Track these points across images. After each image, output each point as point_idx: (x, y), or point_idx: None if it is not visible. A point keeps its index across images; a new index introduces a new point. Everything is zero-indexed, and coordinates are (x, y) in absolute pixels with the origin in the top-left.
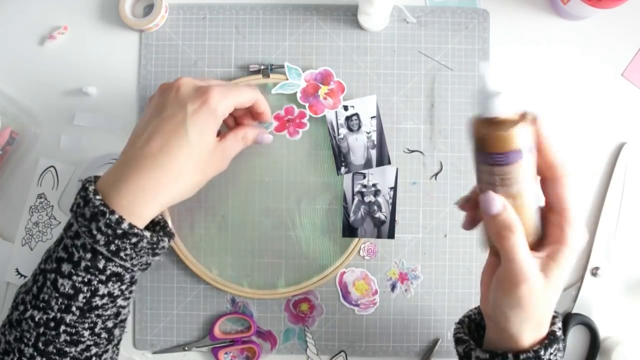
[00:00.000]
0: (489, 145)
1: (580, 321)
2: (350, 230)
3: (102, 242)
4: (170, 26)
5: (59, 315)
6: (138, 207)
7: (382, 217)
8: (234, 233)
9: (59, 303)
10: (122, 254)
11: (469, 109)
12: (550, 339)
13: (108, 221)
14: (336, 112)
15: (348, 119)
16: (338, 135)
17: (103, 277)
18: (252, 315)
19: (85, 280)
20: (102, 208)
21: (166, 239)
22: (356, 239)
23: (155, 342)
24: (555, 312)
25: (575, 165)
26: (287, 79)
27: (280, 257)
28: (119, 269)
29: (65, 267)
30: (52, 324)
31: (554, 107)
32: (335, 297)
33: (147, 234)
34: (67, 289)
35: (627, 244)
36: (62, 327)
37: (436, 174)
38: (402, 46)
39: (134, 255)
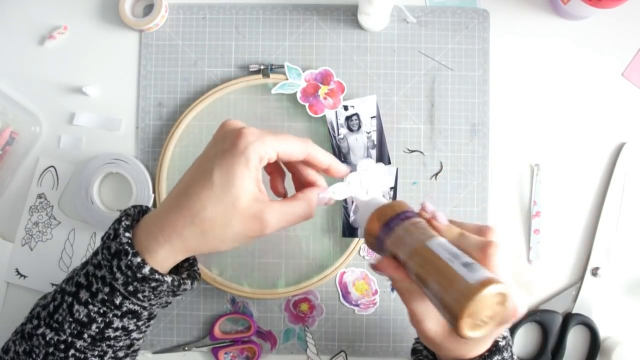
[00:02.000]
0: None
1: (580, 321)
2: (350, 230)
3: (120, 282)
4: (170, 26)
5: (70, 339)
6: (160, 252)
7: None
8: None
9: (72, 327)
10: (139, 295)
11: (469, 109)
12: (491, 351)
13: (129, 262)
14: (336, 112)
15: (348, 119)
16: (338, 135)
17: (119, 313)
18: (252, 315)
19: (101, 311)
20: (126, 247)
21: (189, 282)
22: (356, 239)
23: (155, 342)
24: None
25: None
26: (287, 79)
27: (280, 257)
28: (136, 307)
29: (83, 295)
30: (62, 346)
31: (554, 107)
32: (335, 297)
33: (168, 279)
34: (81, 316)
35: (627, 244)
36: (72, 351)
37: (436, 174)
38: (402, 46)
39: (152, 297)
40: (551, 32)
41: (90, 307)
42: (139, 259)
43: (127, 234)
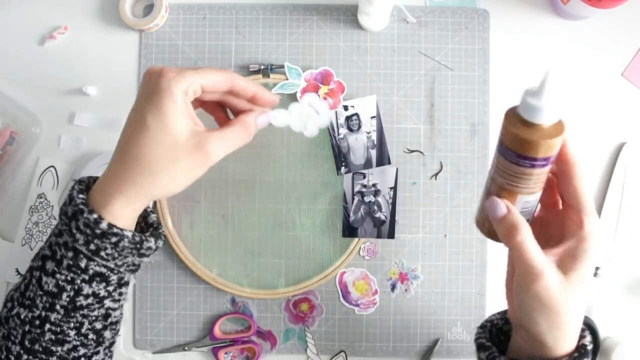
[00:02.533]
0: (528, 148)
1: None
2: (350, 230)
3: (81, 242)
4: (170, 26)
5: (43, 313)
6: (115, 205)
7: (382, 217)
8: (234, 233)
9: (44, 301)
10: (102, 254)
11: (469, 108)
12: (580, 352)
13: (86, 220)
14: (336, 112)
15: (348, 119)
16: (338, 135)
17: (86, 277)
18: (252, 315)
19: (69, 279)
20: (81, 207)
21: (152, 240)
22: (356, 239)
23: (155, 342)
24: (583, 326)
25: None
26: (287, 79)
27: (280, 257)
28: (102, 269)
29: (49, 265)
30: (37, 322)
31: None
32: (335, 297)
33: (128, 233)
34: (50, 287)
35: (627, 244)
36: (47, 326)
37: (436, 174)
38: (402, 46)
39: (116, 255)
40: (551, 32)
41: (58, 276)
42: (95, 215)
43: (80, 196)
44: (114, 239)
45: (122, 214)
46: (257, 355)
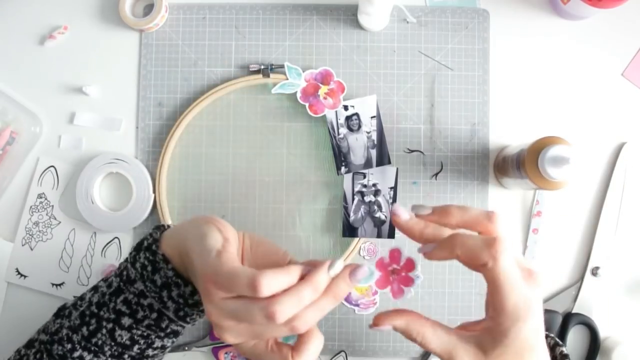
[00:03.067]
0: (537, 181)
1: (580, 321)
2: (350, 230)
3: (172, 309)
4: (170, 26)
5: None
6: None
7: (382, 217)
8: None
9: (113, 350)
10: (188, 319)
11: (469, 108)
12: None
13: (182, 292)
14: (336, 111)
15: (348, 118)
16: (338, 135)
17: (162, 334)
18: None
19: (145, 334)
20: (176, 280)
21: None
22: (356, 239)
23: None
24: (560, 347)
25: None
26: (287, 79)
27: None
28: (179, 328)
29: (126, 321)
30: None
31: (553, 107)
32: None
33: None
34: (124, 340)
35: (627, 244)
36: None
37: (436, 174)
38: (402, 46)
39: (198, 318)
40: (551, 32)
41: (134, 331)
42: (190, 288)
43: (170, 266)
44: (202, 307)
45: None
46: None
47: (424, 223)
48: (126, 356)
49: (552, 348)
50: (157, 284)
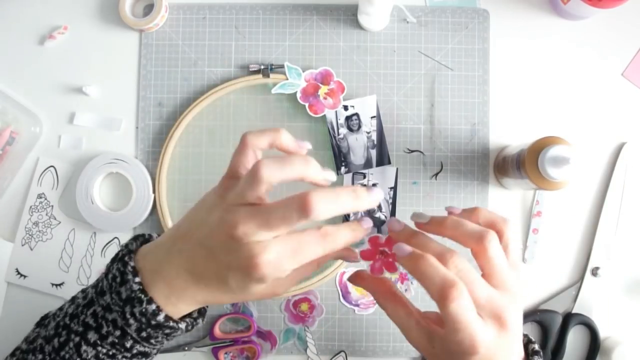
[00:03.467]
0: (537, 181)
1: (580, 321)
2: None
3: (134, 328)
4: (170, 26)
5: None
6: (178, 305)
7: (382, 217)
8: None
9: None
10: (152, 341)
11: (469, 108)
12: None
13: (144, 310)
14: (336, 112)
15: (348, 118)
16: (338, 135)
17: (128, 355)
18: (252, 315)
19: (110, 353)
20: (139, 295)
21: (200, 320)
22: None
23: None
24: (529, 339)
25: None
26: (287, 79)
27: None
28: (147, 349)
29: (92, 336)
30: None
31: (553, 107)
32: (335, 297)
33: (182, 325)
34: (89, 357)
35: (627, 244)
36: None
37: (436, 174)
38: (402, 46)
39: (164, 341)
40: (551, 32)
41: (99, 348)
42: (153, 307)
43: (137, 279)
44: (167, 331)
45: (179, 311)
46: (257, 355)
47: (410, 233)
48: None
49: (526, 345)
50: (122, 297)
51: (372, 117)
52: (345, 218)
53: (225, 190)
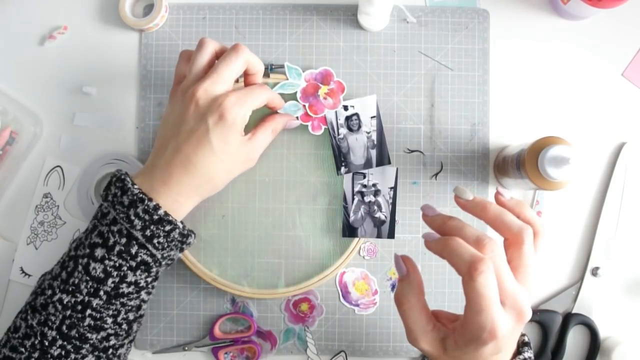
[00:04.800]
0: (537, 181)
1: (580, 321)
2: (350, 230)
3: (138, 227)
4: (170, 26)
5: (87, 298)
6: (173, 206)
7: (382, 217)
8: (234, 233)
9: (89, 287)
10: (155, 241)
11: (469, 108)
12: None
13: (146, 207)
14: (336, 112)
15: (348, 118)
16: (338, 135)
17: (133, 264)
18: (252, 315)
19: (117, 264)
20: (141, 195)
21: (193, 235)
22: (356, 239)
23: (155, 342)
24: (522, 336)
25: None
26: (287, 79)
27: (280, 257)
28: (149, 259)
29: (99, 252)
30: (79, 307)
31: (553, 107)
32: (335, 297)
33: (180, 224)
34: (98, 273)
35: (627, 244)
36: (88, 311)
37: (436, 174)
38: (402, 46)
39: (165, 245)
40: (551, 32)
41: (107, 262)
42: (154, 202)
43: (136, 186)
44: (167, 227)
45: (175, 214)
46: (257, 355)
47: (445, 217)
48: (102, 292)
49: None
50: (125, 204)
51: (372, 117)
52: (346, 217)
53: (174, 92)
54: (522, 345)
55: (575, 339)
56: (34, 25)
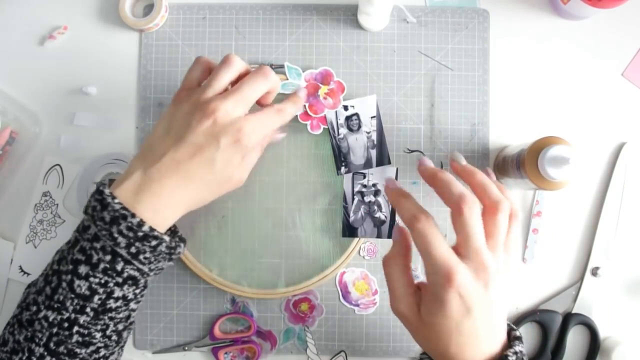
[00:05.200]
0: (537, 181)
1: (580, 321)
2: (350, 230)
3: (122, 245)
4: (170, 26)
5: (73, 315)
6: (159, 217)
7: (382, 217)
8: (234, 233)
9: (74, 304)
10: (141, 257)
11: (469, 108)
12: None
13: (130, 224)
14: (336, 112)
15: (348, 118)
16: (338, 135)
17: (120, 280)
18: (252, 315)
19: (102, 282)
20: (123, 212)
21: (182, 245)
22: (356, 239)
23: (155, 342)
24: (511, 327)
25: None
26: (287, 79)
27: (280, 257)
28: (136, 273)
29: (83, 269)
30: (66, 325)
31: (553, 107)
32: (335, 297)
33: (167, 238)
34: (83, 290)
35: (627, 244)
36: (76, 328)
37: None
38: (402, 46)
39: (152, 259)
40: (551, 32)
41: (91, 279)
42: (137, 219)
43: (116, 200)
44: (153, 243)
45: (160, 225)
46: (257, 355)
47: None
48: (88, 309)
49: (508, 333)
50: (106, 220)
51: (372, 117)
52: (346, 217)
53: (183, 98)
54: (513, 339)
55: (575, 339)
56: (34, 25)
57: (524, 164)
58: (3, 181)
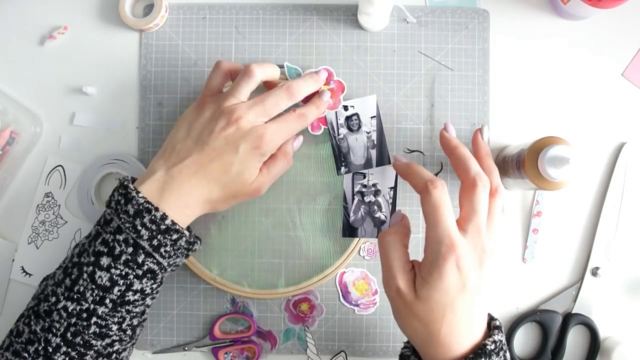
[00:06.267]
0: (537, 181)
1: (580, 321)
2: (350, 230)
3: (145, 237)
4: (170, 26)
5: (92, 306)
6: (179, 214)
7: (382, 217)
8: (234, 233)
9: (94, 295)
10: (162, 250)
11: (469, 108)
12: (477, 353)
13: (153, 217)
14: (336, 112)
15: (348, 118)
16: (338, 135)
17: (140, 272)
18: (252, 315)
19: (123, 273)
20: (147, 205)
21: (198, 242)
22: (356, 239)
23: (155, 342)
24: (494, 320)
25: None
26: (287, 79)
27: (280, 257)
28: (155, 267)
29: (105, 261)
30: (85, 315)
31: (553, 107)
32: (335, 297)
33: (187, 232)
34: (104, 281)
35: (627, 244)
36: (94, 319)
37: (436, 174)
38: (402, 46)
39: (172, 253)
40: (551, 32)
41: (113, 270)
42: (161, 212)
43: (141, 195)
44: (174, 236)
45: (183, 220)
46: (257, 355)
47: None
48: (107, 300)
49: (489, 322)
50: (130, 213)
51: (372, 117)
52: (346, 217)
53: (207, 103)
54: (493, 328)
55: (575, 339)
56: (34, 25)
57: (524, 164)
58: (3, 181)
